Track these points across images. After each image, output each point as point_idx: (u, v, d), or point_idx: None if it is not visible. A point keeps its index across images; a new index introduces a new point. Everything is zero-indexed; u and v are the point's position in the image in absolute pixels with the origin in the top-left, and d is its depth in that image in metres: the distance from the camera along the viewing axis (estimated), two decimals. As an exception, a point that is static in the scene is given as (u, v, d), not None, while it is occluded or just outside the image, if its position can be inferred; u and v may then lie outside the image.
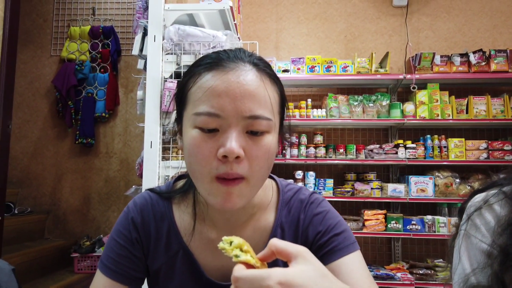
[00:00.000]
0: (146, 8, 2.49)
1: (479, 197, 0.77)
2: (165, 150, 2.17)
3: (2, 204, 2.77)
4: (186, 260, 0.80)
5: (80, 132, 3.97)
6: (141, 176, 2.25)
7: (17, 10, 2.90)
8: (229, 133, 0.64)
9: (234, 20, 2.49)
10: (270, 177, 0.88)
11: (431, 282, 3.14)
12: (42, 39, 4.24)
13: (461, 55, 3.49)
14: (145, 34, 2.34)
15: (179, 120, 0.76)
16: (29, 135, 4.13)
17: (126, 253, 0.79)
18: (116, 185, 4.04)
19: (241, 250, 0.52)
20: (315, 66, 3.52)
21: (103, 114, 4.02)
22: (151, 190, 0.86)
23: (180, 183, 0.87)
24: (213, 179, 0.66)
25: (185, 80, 0.73)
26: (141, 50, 2.33)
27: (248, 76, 0.66)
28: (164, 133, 2.12)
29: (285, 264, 0.50)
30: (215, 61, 0.68)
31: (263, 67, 0.70)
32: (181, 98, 0.73)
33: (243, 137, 0.65)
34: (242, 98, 0.64)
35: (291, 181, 0.97)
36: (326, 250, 0.75)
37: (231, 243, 0.52)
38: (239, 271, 0.48)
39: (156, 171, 2.08)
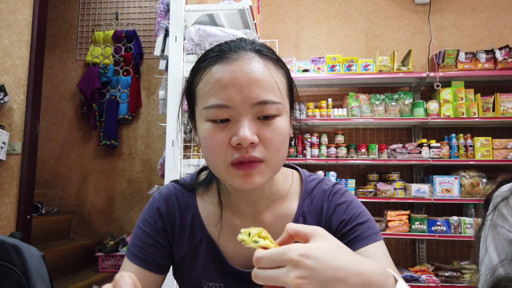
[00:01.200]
0: (167, 11, 2.53)
1: (505, 187, 0.75)
2: (186, 148, 2.19)
3: (31, 204, 2.85)
4: (209, 249, 0.81)
5: (104, 134, 4.06)
6: (163, 176, 2.28)
7: (44, 16, 3.00)
8: (240, 122, 0.65)
9: (253, 20, 2.50)
10: (293, 167, 0.89)
11: (457, 284, 3.05)
12: (67, 44, 4.36)
13: (487, 52, 3.40)
14: (166, 35, 2.38)
15: (192, 116, 0.78)
16: (55, 137, 4.25)
17: (152, 242, 0.81)
18: (138, 186, 4.11)
19: (259, 237, 0.54)
20: (336, 65, 3.49)
21: (126, 116, 4.10)
22: (175, 181, 0.88)
23: (203, 175, 0.89)
24: (228, 165, 0.67)
25: (191, 76, 0.75)
26: (162, 51, 2.37)
27: (251, 63, 0.67)
28: (185, 132, 2.14)
29: None
30: (218, 54, 0.70)
31: (266, 53, 0.71)
32: (190, 95, 0.75)
33: (255, 124, 0.66)
34: (248, 86, 0.65)
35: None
36: (349, 239, 0.75)
37: (249, 234, 0.54)
38: (259, 252, 0.49)
39: (177, 169, 2.10)
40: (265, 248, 0.52)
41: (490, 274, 0.70)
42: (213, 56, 0.70)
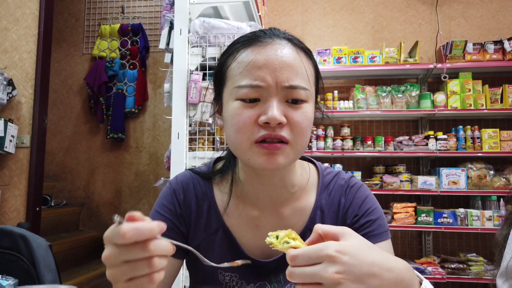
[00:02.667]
0: (173, 4, 2.53)
1: None
2: (191, 141, 2.21)
3: (40, 196, 2.90)
4: (225, 239, 0.82)
5: (111, 127, 4.09)
6: (169, 169, 2.30)
7: (51, 10, 3.01)
8: (270, 102, 0.68)
9: (258, 12, 2.49)
10: (309, 160, 0.90)
11: (463, 276, 3.05)
12: (74, 38, 4.39)
13: (495, 43, 3.35)
14: (171, 28, 2.38)
15: (217, 98, 0.79)
16: (63, 130, 4.29)
17: (171, 225, 0.82)
18: (145, 179, 4.14)
19: (289, 238, 0.54)
20: (342, 57, 3.47)
21: (133, 110, 4.12)
22: (191, 170, 0.89)
23: (219, 164, 0.89)
24: (252, 144, 0.69)
25: (223, 59, 0.77)
26: (167, 44, 2.38)
27: (284, 49, 0.71)
28: (190, 125, 2.15)
29: None
30: (252, 38, 0.72)
31: (297, 42, 0.75)
32: (220, 77, 0.77)
33: (283, 105, 0.69)
34: (281, 69, 0.68)
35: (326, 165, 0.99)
36: (361, 234, 0.76)
37: (277, 237, 0.55)
38: (293, 251, 0.50)
39: (183, 161, 2.12)
40: (295, 248, 0.52)
41: None
42: (247, 40, 0.73)
